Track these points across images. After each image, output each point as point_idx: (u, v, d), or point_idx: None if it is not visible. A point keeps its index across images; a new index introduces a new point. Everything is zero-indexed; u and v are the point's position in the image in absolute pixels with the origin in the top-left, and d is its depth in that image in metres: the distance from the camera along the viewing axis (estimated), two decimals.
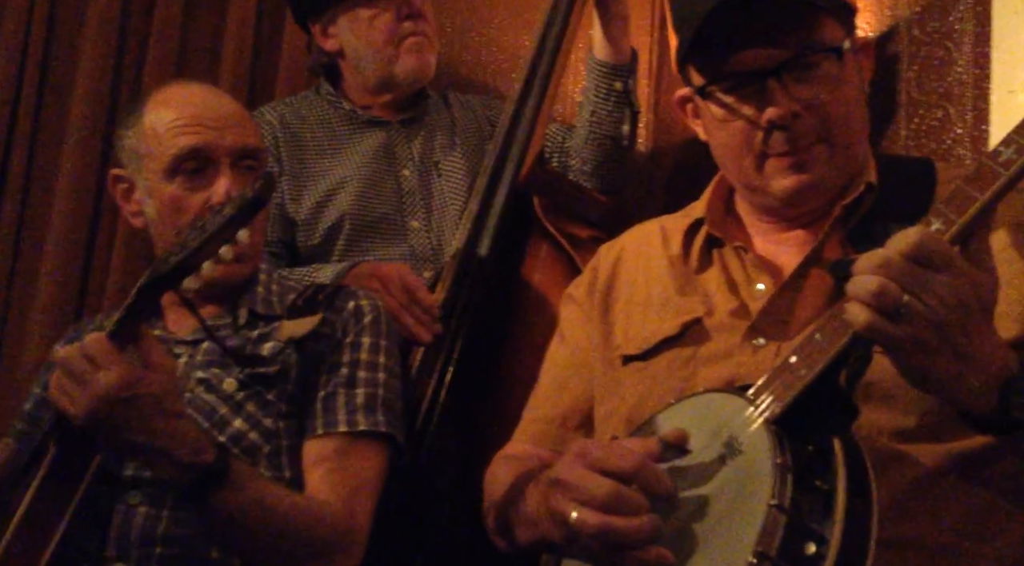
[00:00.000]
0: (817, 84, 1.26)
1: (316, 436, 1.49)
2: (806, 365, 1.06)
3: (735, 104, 1.29)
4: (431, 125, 2.14)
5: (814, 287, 1.26)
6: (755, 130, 1.28)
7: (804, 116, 1.26)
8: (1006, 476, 1.14)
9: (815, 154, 1.27)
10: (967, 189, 1.01)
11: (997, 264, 1.17)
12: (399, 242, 2.01)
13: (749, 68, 1.26)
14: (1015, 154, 0.98)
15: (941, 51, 1.80)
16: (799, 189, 1.29)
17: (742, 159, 1.31)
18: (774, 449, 1.03)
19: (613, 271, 1.45)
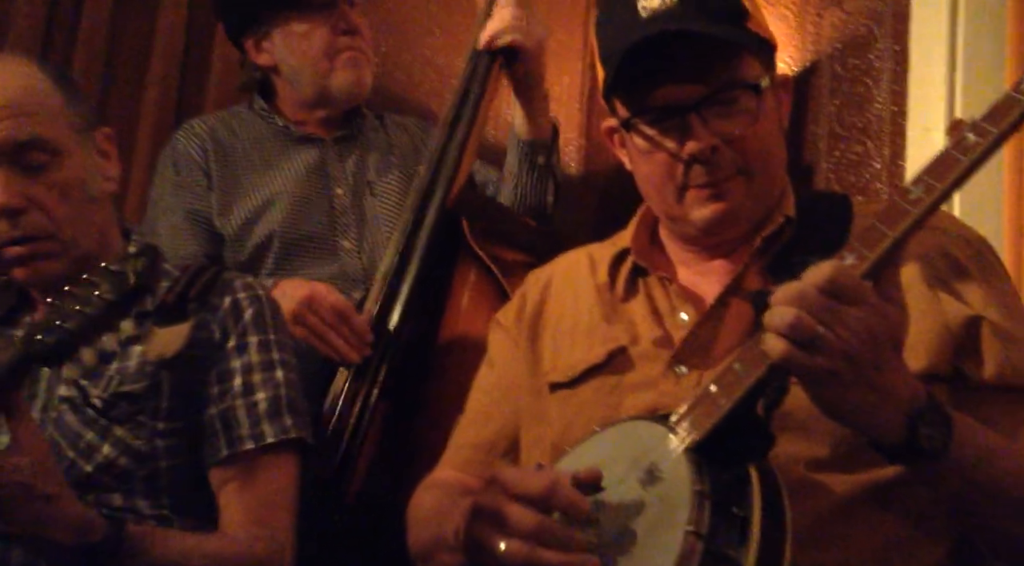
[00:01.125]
0: (736, 119, 1.29)
1: (221, 460, 1.40)
2: (725, 394, 1.08)
3: (658, 137, 1.31)
4: (366, 144, 2.14)
5: (734, 317, 1.28)
6: (676, 162, 1.30)
7: (723, 149, 1.29)
8: (915, 505, 1.17)
9: (733, 186, 1.31)
10: (879, 226, 1.04)
11: (908, 298, 1.20)
12: (330, 261, 2.00)
13: (671, 103, 1.29)
14: (924, 193, 1.02)
15: (861, 87, 1.86)
16: (717, 218, 1.32)
17: (664, 190, 1.33)
18: (693, 476, 1.04)
19: (541, 298, 1.46)
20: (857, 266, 1.03)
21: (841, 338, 1.00)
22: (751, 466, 1.06)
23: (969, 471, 1.08)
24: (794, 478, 1.13)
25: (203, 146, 2.06)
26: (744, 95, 1.29)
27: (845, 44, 1.88)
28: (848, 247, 1.05)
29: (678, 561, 0.99)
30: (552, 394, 1.36)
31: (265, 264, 2.00)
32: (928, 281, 1.23)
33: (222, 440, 1.41)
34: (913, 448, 1.04)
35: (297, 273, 1.97)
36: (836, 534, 1.16)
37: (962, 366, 1.20)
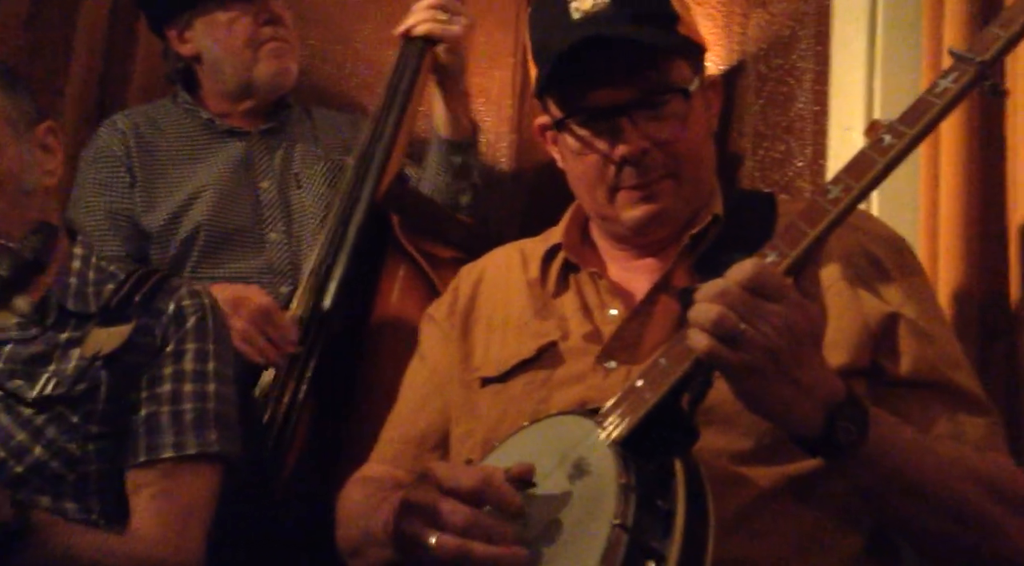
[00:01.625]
0: (666, 122, 1.31)
1: (139, 464, 1.38)
2: (651, 389, 1.10)
3: (589, 138, 1.33)
4: (292, 136, 2.12)
5: (663, 313, 1.30)
6: (608, 164, 1.32)
7: (653, 152, 1.31)
8: (834, 497, 1.20)
9: (663, 187, 1.33)
10: (799, 224, 1.06)
11: (828, 296, 1.24)
12: (256, 254, 1.98)
13: (602, 105, 1.31)
14: (842, 192, 1.05)
15: (785, 87, 1.89)
16: (647, 219, 1.34)
17: (595, 190, 1.35)
18: (619, 470, 1.06)
19: (473, 293, 1.47)
20: (779, 263, 1.06)
21: (762, 334, 1.02)
22: (676, 459, 1.08)
23: (884, 465, 1.11)
24: (718, 471, 1.16)
25: (125, 142, 2.03)
26: (674, 99, 1.31)
27: (769, 45, 1.92)
28: (770, 245, 1.08)
29: (604, 553, 1.00)
30: (483, 388, 1.36)
31: (190, 258, 1.97)
32: (849, 279, 1.26)
33: (142, 444, 1.39)
34: (831, 441, 1.07)
35: (223, 267, 1.95)
36: (758, 526, 1.18)
37: (880, 362, 1.24)
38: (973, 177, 1.53)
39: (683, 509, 1.03)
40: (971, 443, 1.21)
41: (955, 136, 1.55)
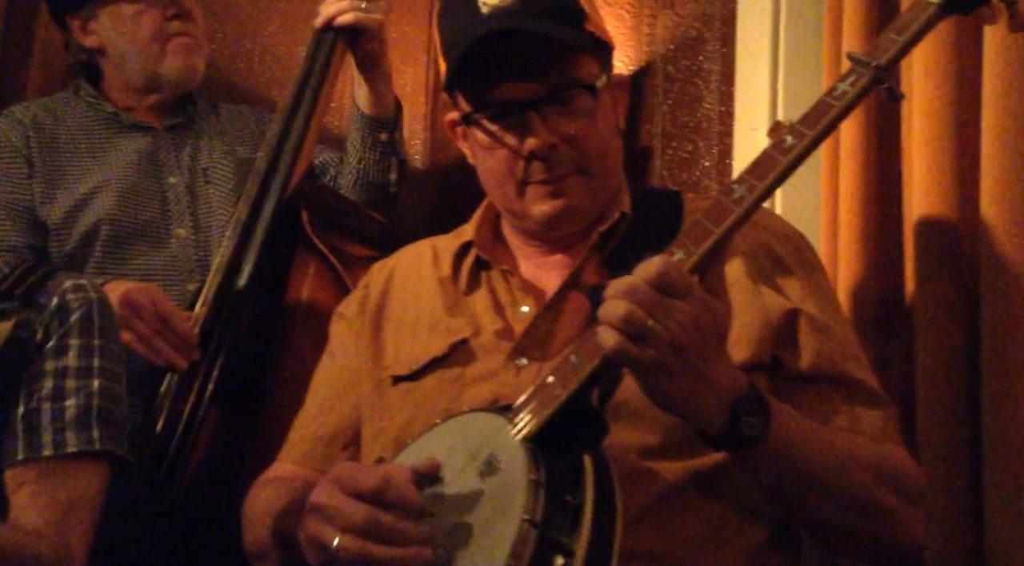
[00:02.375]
0: (573, 118, 1.32)
1: (18, 462, 1.33)
2: (561, 385, 1.11)
3: (499, 133, 1.34)
4: (199, 132, 2.08)
5: (573, 309, 1.32)
6: (517, 158, 1.33)
7: (561, 147, 1.32)
8: (738, 490, 1.23)
9: (571, 183, 1.34)
10: (704, 223, 1.08)
11: (733, 292, 1.26)
12: (162, 251, 1.94)
13: (510, 100, 1.31)
14: (746, 192, 1.07)
15: (692, 88, 1.92)
16: (556, 214, 1.34)
17: (505, 185, 1.36)
18: (529, 466, 1.07)
19: (384, 290, 1.46)
20: (684, 261, 1.08)
21: (669, 330, 1.04)
22: (585, 455, 1.09)
23: (786, 457, 1.14)
24: (626, 466, 1.17)
25: (24, 133, 1.96)
26: (582, 95, 1.32)
27: (677, 45, 1.94)
28: (677, 243, 1.10)
29: (513, 549, 1.01)
30: (394, 387, 1.36)
31: (93, 254, 1.92)
32: (751, 276, 1.29)
33: (20, 442, 1.34)
34: (735, 435, 1.09)
35: (128, 263, 1.91)
36: (665, 519, 1.20)
37: (781, 356, 1.27)
38: (871, 177, 1.57)
39: (591, 504, 1.04)
40: (868, 435, 1.25)
41: (854, 137, 1.59)
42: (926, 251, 1.46)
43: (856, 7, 1.61)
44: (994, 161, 1.36)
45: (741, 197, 1.07)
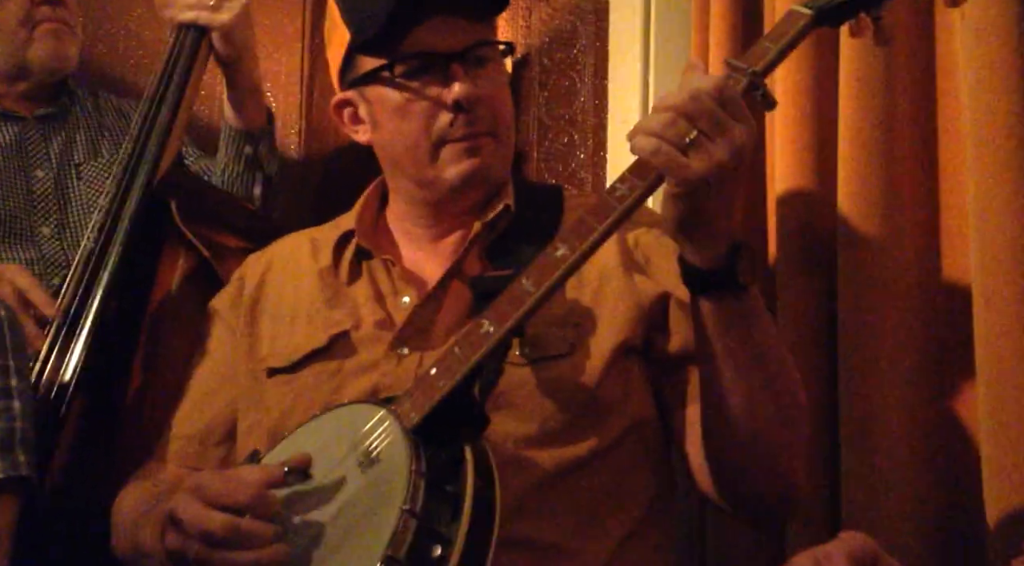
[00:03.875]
0: (489, 79, 1.34)
1: None
2: (444, 377, 1.12)
3: (418, 86, 1.33)
4: (74, 124, 1.97)
5: (455, 299, 1.32)
6: (437, 113, 1.32)
7: (480, 105, 1.32)
8: (613, 475, 1.26)
9: (486, 143, 1.34)
10: (588, 220, 1.10)
11: (608, 281, 1.30)
12: (27, 247, 1.84)
13: (434, 49, 1.31)
14: (628, 191, 1.09)
15: (567, 81, 1.95)
16: (472, 173, 1.34)
17: (418, 149, 1.34)
18: (410, 457, 1.07)
19: (261, 282, 1.43)
20: (569, 256, 1.10)
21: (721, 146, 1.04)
22: (466, 445, 1.10)
23: (755, 318, 1.15)
24: (506, 454, 1.19)
25: None
26: (495, 57, 1.35)
27: (552, 38, 1.97)
28: (560, 238, 1.11)
29: (391, 539, 1.02)
30: (270, 379, 1.34)
31: None
32: (625, 265, 1.32)
33: None
34: (728, 275, 1.10)
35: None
36: (541, 507, 1.23)
37: (652, 339, 1.30)
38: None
39: (471, 493, 1.06)
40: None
41: None
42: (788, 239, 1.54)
43: (722, 4, 1.67)
44: (849, 153, 1.44)
45: (623, 195, 1.09)
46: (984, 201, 1.30)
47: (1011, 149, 1.27)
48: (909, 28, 1.43)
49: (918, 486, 1.37)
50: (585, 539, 1.23)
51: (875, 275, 1.41)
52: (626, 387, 1.28)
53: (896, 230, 1.42)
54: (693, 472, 1.28)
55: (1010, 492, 1.25)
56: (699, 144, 1.04)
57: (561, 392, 1.24)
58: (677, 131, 1.04)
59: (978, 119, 1.31)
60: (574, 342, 1.26)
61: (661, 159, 1.05)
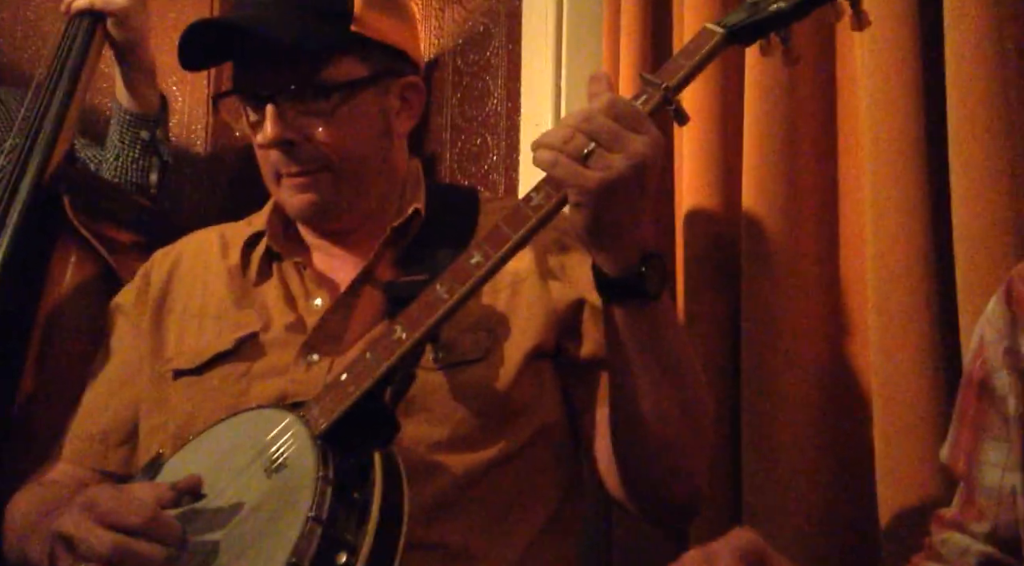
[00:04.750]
0: (314, 118, 1.30)
1: None
2: (355, 383, 1.11)
3: (253, 120, 1.33)
4: None
5: (366, 305, 1.31)
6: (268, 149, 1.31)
7: (302, 145, 1.30)
8: (521, 478, 1.27)
9: (321, 179, 1.32)
10: (504, 228, 1.11)
11: (523, 287, 1.30)
12: None
13: (254, 89, 1.30)
14: (543, 200, 1.10)
15: (480, 82, 1.95)
16: (308, 209, 1.33)
17: (267, 174, 1.35)
18: (317, 463, 1.06)
19: (167, 280, 1.40)
20: (483, 264, 1.10)
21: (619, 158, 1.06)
22: (375, 452, 1.09)
23: (663, 326, 1.17)
24: (416, 460, 1.19)
25: None
26: (328, 95, 1.30)
27: (465, 40, 1.96)
28: (475, 246, 1.12)
29: (295, 547, 1.01)
30: (175, 381, 1.31)
31: None
32: (540, 271, 1.33)
33: None
34: (637, 283, 1.12)
35: None
36: (452, 510, 1.23)
37: (564, 345, 1.31)
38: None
39: (378, 500, 1.05)
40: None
41: None
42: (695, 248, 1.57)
43: (632, 10, 1.69)
44: (754, 164, 1.48)
45: (539, 204, 1.10)
46: (880, 210, 1.34)
47: (906, 161, 1.32)
48: (811, 42, 1.47)
49: (816, 484, 1.42)
50: (494, 541, 1.24)
51: (777, 286, 1.45)
52: (537, 391, 1.29)
53: (797, 242, 1.46)
54: (601, 474, 1.30)
55: (902, 489, 1.30)
56: (597, 156, 1.06)
57: (473, 397, 1.25)
58: (575, 145, 1.06)
59: (875, 131, 1.35)
60: (488, 347, 1.27)
61: (560, 170, 1.07)
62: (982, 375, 1.03)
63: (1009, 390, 1.00)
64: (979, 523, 1.04)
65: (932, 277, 1.31)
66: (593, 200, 1.07)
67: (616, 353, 1.18)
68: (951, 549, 1.06)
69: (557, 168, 1.07)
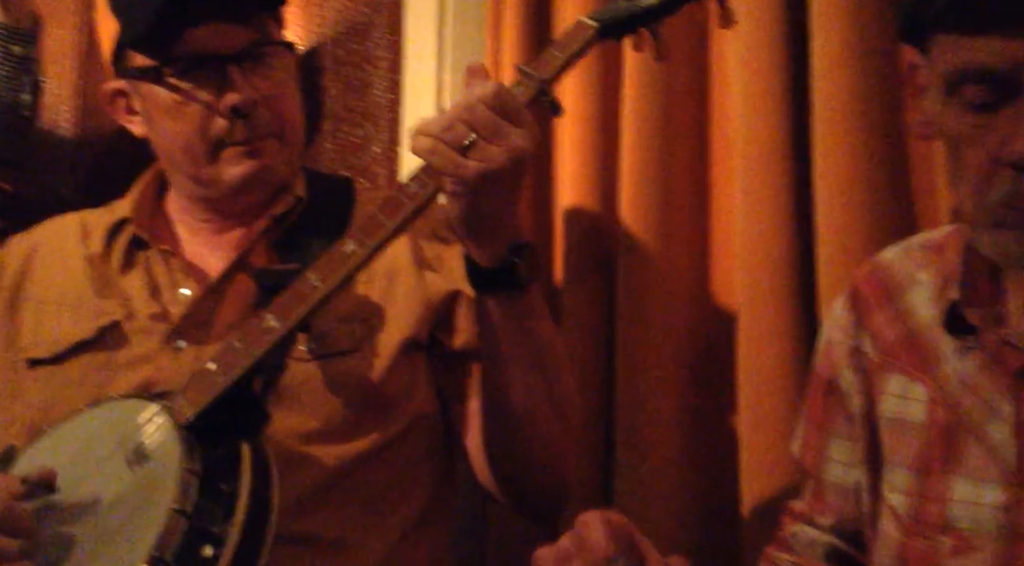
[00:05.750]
0: (271, 78, 1.29)
1: None
2: (223, 371, 1.09)
3: (191, 89, 1.27)
4: None
5: (238, 293, 1.28)
6: (213, 117, 1.27)
7: (261, 107, 1.28)
8: (393, 470, 1.26)
9: (268, 145, 1.29)
10: (379, 216, 1.10)
11: (399, 278, 1.30)
12: None
13: (208, 52, 1.26)
14: (420, 189, 1.10)
15: (361, 73, 1.93)
16: (252, 176, 1.29)
17: (194, 149, 1.28)
18: (183, 455, 1.04)
19: (23, 267, 1.34)
20: (358, 252, 1.09)
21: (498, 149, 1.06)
22: (244, 443, 1.08)
23: (535, 317, 1.18)
24: (287, 451, 1.18)
25: None
26: (281, 54, 1.30)
27: (347, 29, 1.94)
28: (350, 235, 1.11)
29: (159, 539, 0.99)
30: (31, 370, 1.26)
31: None
32: (416, 262, 1.32)
33: None
34: (509, 273, 1.12)
35: None
36: (324, 502, 1.22)
37: (439, 336, 1.31)
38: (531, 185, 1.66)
39: (247, 492, 1.04)
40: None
41: None
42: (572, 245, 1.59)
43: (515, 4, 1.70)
44: (631, 163, 1.51)
45: (415, 193, 1.10)
46: (749, 210, 1.39)
47: (775, 163, 1.37)
48: (687, 41, 1.50)
49: (683, 477, 1.45)
50: (367, 533, 1.23)
51: (651, 282, 1.48)
52: (411, 383, 1.29)
53: (670, 238, 1.49)
54: (473, 466, 1.31)
55: (764, 481, 1.35)
56: (477, 146, 1.06)
57: (346, 388, 1.24)
58: (455, 134, 1.06)
59: (746, 133, 1.39)
60: (362, 338, 1.26)
61: (437, 159, 1.07)
62: (829, 375, 1.07)
63: (854, 389, 1.03)
64: (825, 516, 1.08)
65: (797, 279, 1.36)
66: (470, 191, 1.08)
67: (487, 344, 1.19)
68: (800, 540, 1.10)
69: (435, 156, 1.07)
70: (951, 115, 0.87)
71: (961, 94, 0.85)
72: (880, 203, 1.31)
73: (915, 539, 0.95)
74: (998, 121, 0.84)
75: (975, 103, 0.84)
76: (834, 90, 1.31)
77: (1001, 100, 0.83)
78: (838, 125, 1.31)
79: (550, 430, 1.22)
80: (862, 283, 1.06)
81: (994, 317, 0.93)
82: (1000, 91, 0.83)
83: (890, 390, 1.00)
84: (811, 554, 1.09)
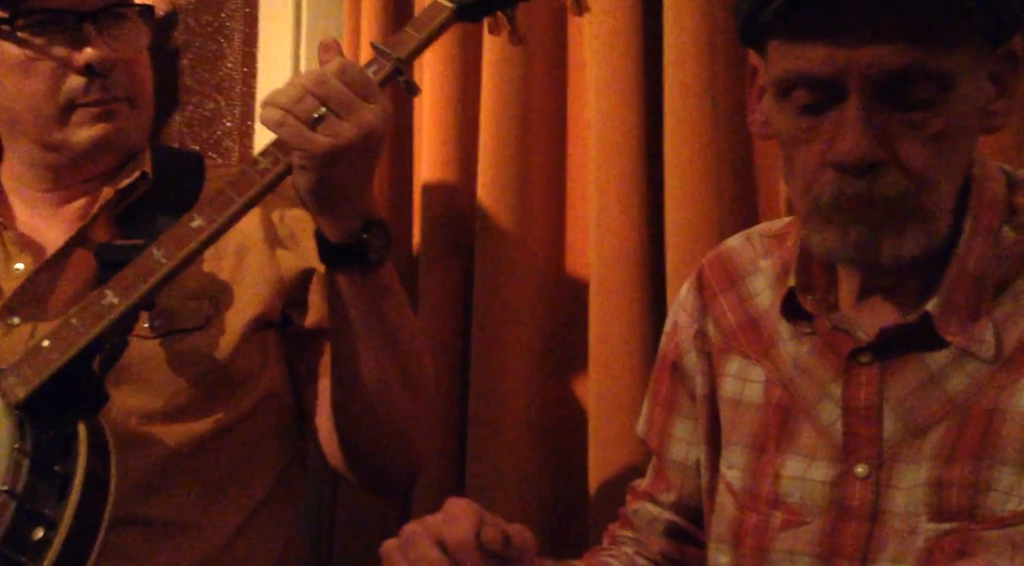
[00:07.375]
0: (127, 42, 1.25)
1: None
2: (59, 349, 1.05)
3: (44, 45, 1.21)
4: None
5: (77, 268, 1.23)
6: (64, 76, 1.22)
7: (117, 69, 1.24)
8: (237, 450, 1.24)
9: (121, 108, 1.25)
10: (228, 192, 1.08)
11: (249, 256, 1.27)
12: None
13: (64, 5, 1.20)
14: (271, 164, 1.08)
15: (214, 45, 1.87)
16: (104, 139, 1.24)
17: (43, 109, 1.23)
18: (13, 434, 1.01)
19: None
20: (205, 227, 1.06)
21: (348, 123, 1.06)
22: (80, 423, 1.04)
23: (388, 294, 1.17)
24: (127, 431, 1.15)
25: None
26: (135, 18, 1.26)
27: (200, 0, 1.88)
28: (198, 209, 1.08)
29: None
30: None
31: None
32: (268, 241, 1.30)
33: None
34: (360, 249, 1.11)
35: None
36: (165, 483, 1.19)
37: (290, 314, 1.29)
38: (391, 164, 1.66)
39: (81, 473, 1.01)
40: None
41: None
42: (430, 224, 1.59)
43: None
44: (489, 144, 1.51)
45: (265, 169, 1.08)
46: (603, 195, 1.42)
47: (628, 150, 1.40)
48: (545, 29, 1.52)
49: (534, 457, 1.48)
50: (210, 514, 1.21)
51: (506, 262, 1.50)
52: (260, 361, 1.27)
53: (526, 220, 1.51)
54: (321, 445, 1.29)
55: (611, 461, 1.38)
56: (327, 121, 1.05)
57: (192, 366, 1.21)
58: (305, 107, 1.05)
59: (601, 120, 1.42)
60: (209, 315, 1.23)
61: (286, 131, 1.06)
62: (675, 357, 1.10)
63: (697, 370, 1.07)
64: (667, 494, 1.11)
65: (646, 264, 1.40)
66: (318, 165, 1.06)
67: (338, 320, 1.18)
68: (642, 518, 1.13)
69: (284, 128, 1.06)
70: (783, 117, 0.91)
71: (792, 98, 0.89)
72: (726, 192, 1.36)
73: (749, 514, 0.99)
74: (825, 124, 0.88)
75: (804, 106, 0.88)
76: (685, 83, 1.35)
77: (827, 104, 0.87)
78: (688, 115, 1.34)
79: (401, 409, 1.22)
80: (707, 269, 1.10)
81: (827, 305, 0.98)
82: (826, 96, 0.87)
83: (730, 372, 1.04)
84: (651, 531, 1.12)
